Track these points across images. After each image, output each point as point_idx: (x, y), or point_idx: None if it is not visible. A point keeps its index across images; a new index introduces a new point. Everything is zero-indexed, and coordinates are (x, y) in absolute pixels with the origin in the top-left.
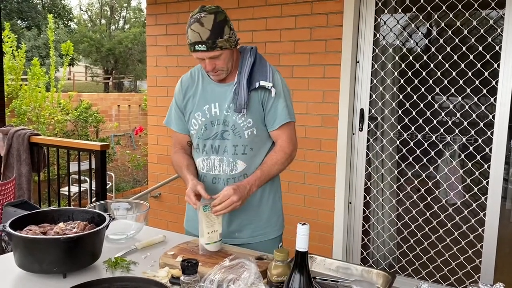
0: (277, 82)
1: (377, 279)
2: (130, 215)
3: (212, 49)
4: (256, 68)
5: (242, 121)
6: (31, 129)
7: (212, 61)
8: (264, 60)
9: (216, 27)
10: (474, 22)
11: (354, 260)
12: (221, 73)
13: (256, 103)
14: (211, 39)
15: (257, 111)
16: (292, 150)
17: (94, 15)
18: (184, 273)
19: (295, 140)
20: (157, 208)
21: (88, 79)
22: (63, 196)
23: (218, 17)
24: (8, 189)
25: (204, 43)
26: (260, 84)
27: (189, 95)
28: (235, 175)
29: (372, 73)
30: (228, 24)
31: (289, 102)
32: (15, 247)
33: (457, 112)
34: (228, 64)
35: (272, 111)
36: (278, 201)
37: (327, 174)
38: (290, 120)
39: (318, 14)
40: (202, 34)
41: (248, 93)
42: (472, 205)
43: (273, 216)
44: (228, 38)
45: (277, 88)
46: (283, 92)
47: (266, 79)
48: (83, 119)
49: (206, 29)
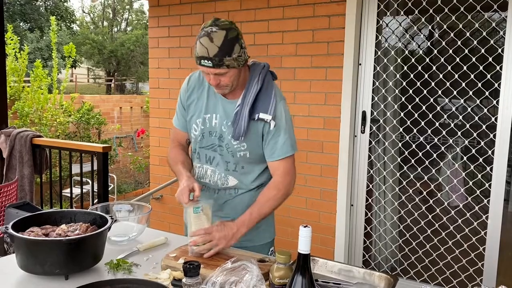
0: (279, 114)
1: (379, 282)
2: (132, 217)
3: (218, 67)
4: (260, 97)
5: (236, 144)
6: (34, 131)
7: (217, 77)
8: (271, 86)
9: (226, 44)
10: (476, 25)
11: (356, 263)
12: (225, 88)
13: (255, 132)
14: (218, 56)
15: (254, 139)
16: (288, 183)
17: (97, 17)
18: (186, 275)
19: (293, 171)
20: (159, 210)
21: (90, 81)
22: (65, 198)
23: (229, 34)
24: (10, 190)
25: (211, 60)
26: (259, 117)
27: (193, 98)
28: (226, 188)
29: (374, 75)
30: (240, 43)
31: (291, 133)
32: (17, 248)
33: (459, 115)
34: (234, 81)
35: (272, 143)
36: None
37: (329, 177)
38: (289, 154)
39: (320, 16)
40: (210, 50)
41: (248, 122)
42: (474, 208)
43: (262, 224)
44: (237, 57)
45: (278, 121)
46: (286, 124)
47: (266, 111)
48: (85, 121)
49: (215, 46)
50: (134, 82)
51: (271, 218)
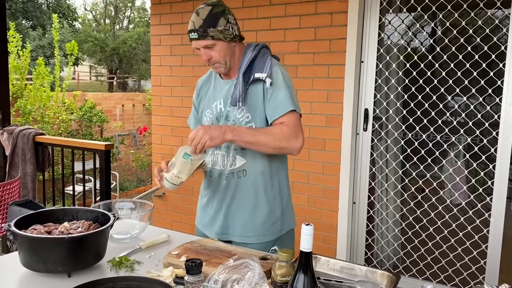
0: (276, 74)
1: (382, 279)
2: (134, 215)
3: (203, 38)
4: (256, 63)
5: (241, 116)
6: (36, 129)
7: (206, 51)
8: (267, 55)
9: (211, 16)
10: (479, 22)
11: (358, 261)
12: (219, 66)
13: (256, 97)
14: (202, 27)
15: (256, 105)
16: (292, 133)
17: (99, 15)
18: (188, 273)
19: (300, 130)
20: (161, 207)
21: (93, 79)
22: (68, 195)
23: (215, 9)
24: (13, 188)
25: (196, 31)
26: (254, 77)
27: (202, 94)
28: (234, 170)
29: (377, 73)
30: (226, 17)
31: (293, 94)
32: (20, 246)
33: (462, 112)
34: (225, 57)
35: (272, 101)
36: (278, 208)
37: (331, 174)
38: (293, 109)
39: (322, 13)
40: (196, 23)
41: (245, 87)
42: (477, 206)
43: (268, 222)
44: (223, 30)
45: (275, 79)
46: (285, 83)
47: (262, 71)
48: (87, 119)
49: (200, 18)
50: (136, 79)
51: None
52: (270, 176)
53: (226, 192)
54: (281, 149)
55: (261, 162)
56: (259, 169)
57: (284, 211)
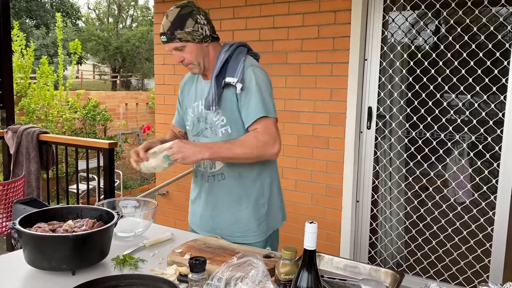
0: (248, 78)
1: (386, 278)
2: (138, 213)
3: (171, 40)
4: (229, 65)
5: (216, 119)
6: (40, 127)
7: (178, 53)
8: (242, 55)
9: (178, 19)
10: (484, 19)
11: (361, 259)
12: (192, 67)
13: (230, 101)
14: (170, 30)
15: (230, 109)
16: (267, 141)
17: (102, 14)
18: (192, 271)
19: (276, 135)
20: (165, 206)
21: (96, 78)
22: (72, 194)
23: (183, 11)
24: (17, 186)
25: (165, 34)
26: (225, 82)
27: (185, 92)
28: (215, 173)
29: (380, 71)
30: (194, 18)
31: (267, 97)
32: (24, 244)
33: (466, 110)
34: (197, 58)
35: (245, 107)
36: (262, 208)
37: (335, 173)
38: (265, 115)
39: (326, 11)
40: (165, 26)
41: (219, 91)
42: (481, 204)
43: (253, 222)
44: (191, 31)
45: (247, 83)
46: (258, 87)
47: (233, 75)
48: (91, 117)
49: (168, 21)
50: (140, 78)
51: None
52: (251, 179)
53: (209, 194)
54: (259, 157)
55: (238, 166)
56: (237, 172)
57: (269, 211)
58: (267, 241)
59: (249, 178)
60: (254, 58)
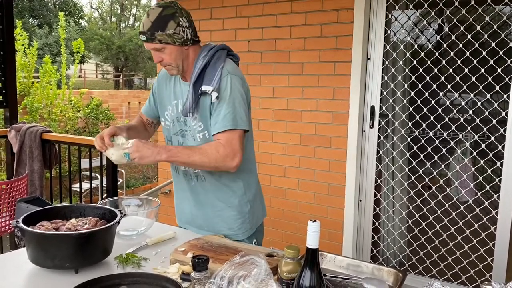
0: (223, 87)
1: (388, 277)
2: (141, 212)
3: (151, 41)
4: (207, 72)
5: (194, 124)
6: (43, 126)
7: (156, 53)
8: (221, 61)
9: (160, 19)
10: (487, 18)
11: (364, 258)
12: (171, 68)
13: (206, 107)
14: (150, 30)
15: (207, 116)
16: (227, 154)
17: (105, 13)
18: (195, 269)
19: (237, 149)
20: (168, 204)
21: (99, 77)
22: (75, 192)
23: (165, 11)
24: (20, 185)
25: (144, 34)
26: (201, 90)
27: (163, 85)
28: (198, 174)
29: (383, 70)
30: (176, 20)
31: (239, 108)
32: (28, 242)
33: (469, 109)
34: (176, 61)
35: (215, 115)
36: (245, 206)
37: (337, 172)
38: (232, 128)
39: (328, 10)
40: (145, 25)
41: (196, 98)
42: (484, 203)
43: (236, 221)
44: (172, 34)
45: (222, 92)
46: (232, 97)
47: (210, 83)
48: (94, 116)
49: (149, 21)
50: (142, 77)
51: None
52: (231, 179)
53: (193, 192)
54: (217, 168)
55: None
56: (216, 174)
57: (252, 208)
58: (252, 238)
59: (228, 179)
60: (234, 61)
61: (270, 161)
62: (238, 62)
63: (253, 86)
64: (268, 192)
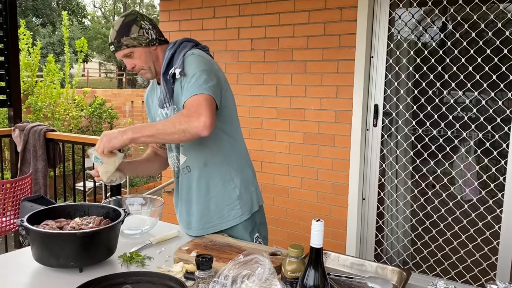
0: (188, 63)
1: (392, 276)
2: (145, 211)
3: (119, 48)
4: (173, 60)
5: (174, 114)
6: (47, 125)
7: (129, 60)
8: (186, 49)
9: (123, 27)
10: (491, 16)
11: (367, 257)
12: (144, 72)
13: (179, 92)
14: (116, 39)
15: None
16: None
17: (108, 12)
18: (199, 268)
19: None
20: (171, 203)
21: (102, 76)
22: (78, 191)
23: (126, 18)
24: (25, 184)
25: (112, 44)
26: (169, 74)
27: (149, 104)
28: (184, 167)
29: (387, 68)
30: (138, 24)
31: (203, 75)
32: (32, 241)
33: (473, 107)
34: (147, 62)
35: (184, 91)
36: (233, 192)
37: (341, 170)
38: (197, 93)
39: (332, 8)
40: (112, 36)
41: (170, 87)
42: (488, 202)
43: (224, 208)
44: (136, 37)
45: (186, 68)
46: (196, 69)
47: (175, 65)
48: (97, 115)
49: (114, 31)
50: None
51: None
52: (217, 166)
53: (181, 189)
54: (185, 131)
55: (201, 155)
56: (201, 162)
57: (242, 194)
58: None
59: (215, 165)
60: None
61: (273, 159)
62: (208, 51)
63: (256, 84)
64: (272, 191)
